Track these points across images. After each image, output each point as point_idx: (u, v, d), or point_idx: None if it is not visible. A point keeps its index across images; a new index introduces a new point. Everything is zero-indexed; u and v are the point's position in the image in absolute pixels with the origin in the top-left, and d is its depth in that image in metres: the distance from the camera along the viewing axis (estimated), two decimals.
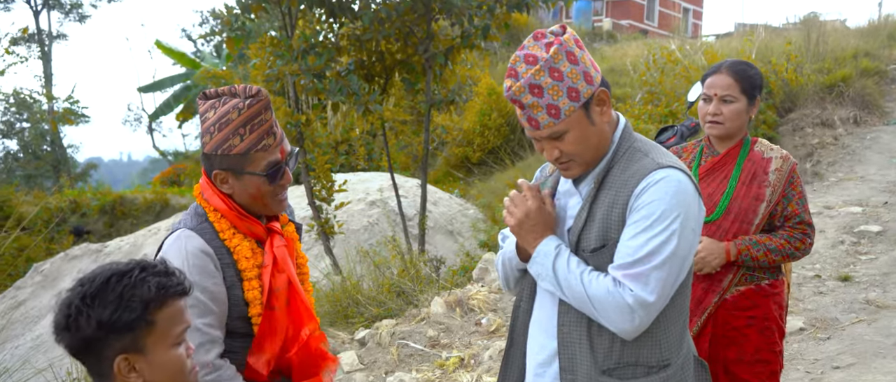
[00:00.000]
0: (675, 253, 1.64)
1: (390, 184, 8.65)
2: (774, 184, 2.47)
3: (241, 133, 1.81)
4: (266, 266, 1.89)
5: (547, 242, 1.76)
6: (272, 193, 1.88)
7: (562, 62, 1.66)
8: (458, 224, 9.83)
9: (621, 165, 1.74)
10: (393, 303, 5.74)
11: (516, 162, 11.43)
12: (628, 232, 1.67)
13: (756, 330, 2.47)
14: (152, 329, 1.43)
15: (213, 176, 1.86)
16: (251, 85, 1.84)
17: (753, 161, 2.51)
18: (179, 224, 1.90)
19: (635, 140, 1.79)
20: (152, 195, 16.54)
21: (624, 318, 1.64)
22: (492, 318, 5.11)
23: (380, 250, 7.28)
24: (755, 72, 2.55)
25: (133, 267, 1.46)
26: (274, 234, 1.94)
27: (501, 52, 16.69)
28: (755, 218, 2.46)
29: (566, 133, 1.70)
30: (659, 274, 1.63)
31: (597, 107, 1.71)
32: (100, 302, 1.40)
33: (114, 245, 10.72)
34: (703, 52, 11.03)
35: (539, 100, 1.66)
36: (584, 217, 1.75)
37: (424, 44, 7.50)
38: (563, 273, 1.72)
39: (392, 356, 4.69)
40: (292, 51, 7.20)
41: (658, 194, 1.65)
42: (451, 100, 7.94)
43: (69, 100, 26.11)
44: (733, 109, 2.49)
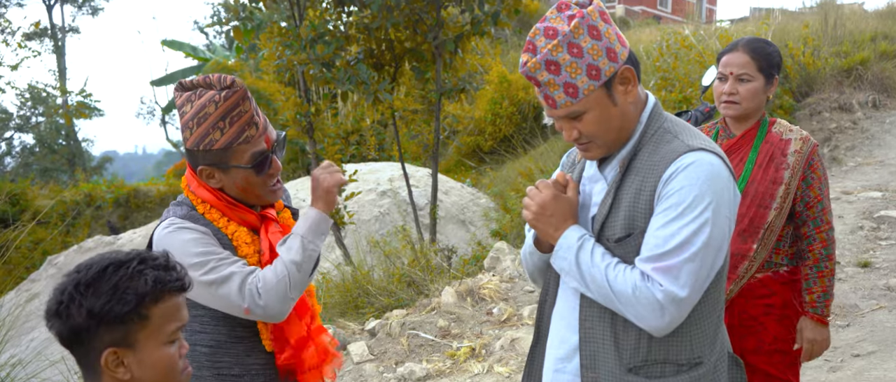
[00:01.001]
0: (708, 243, 1.51)
1: (401, 174, 8.59)
2: (794, 167, 2.36)
3: (220, 127, 1.74)
4: (263, 253, 1.83)
5: (569, 234, 1.64)
6: (262, 184, 1.82)
7: (583, 37, 1.53)
8: (469, 213, 9.76)
9: (649, 148, 1.62)
10: (403, 293, 5.69)
11: (529, 150, 11.33)
12: (657, 220, 1.55)
13: (774, 319, 2.39)
14: (145, 325, 1.38)
15: (198, 172, 1.81)
16: (226, 75, 1.78)
17: (771, 143, 2.40)
18: (167, 213, 1.84)
19: (665, 120, 1.66)
20: (166, 187, 16.62)
21: (654, 315, 1.52)
22: (503, 308, 5.04)
23: (390, 240, 7.23)
24: (773, 50, 2.44)
25: (132, 258, 1.41)
26: (269, 221, 1.88)
27: (512, 40, 16.55)
28: (773, 202, 2.35)
29: (585, 113, 1.59)
30: (691, 266, 1.51)
31: (620, 86, 1.59)
32: (93, 291, 1.35)
33: (126, 237, 10.76)
34: (718, 36, 10.85)
35: (556, 78, 1.56)
36: (609, 204, 1.63)
37: (434, 31, 7.42)
38: (587, 267, 1.60)
39: (402, 346, 4.64)
40: (300, 40, 7.14)
41: (689, 179, 1.52)
42: (462, 88, 7.85)
43: (82, 93, 26.27)
44: (750, 88, 2.39)
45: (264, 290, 1.73)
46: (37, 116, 29.13)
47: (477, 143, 12.47)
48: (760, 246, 2.36)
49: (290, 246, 1.79)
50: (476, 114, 12.57)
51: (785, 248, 2.42)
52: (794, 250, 2.44)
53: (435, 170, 7.99)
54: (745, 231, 2.37)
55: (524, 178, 9.28)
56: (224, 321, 1.82)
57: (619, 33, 1.61)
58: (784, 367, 2.43)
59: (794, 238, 2.44)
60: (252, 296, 1.72)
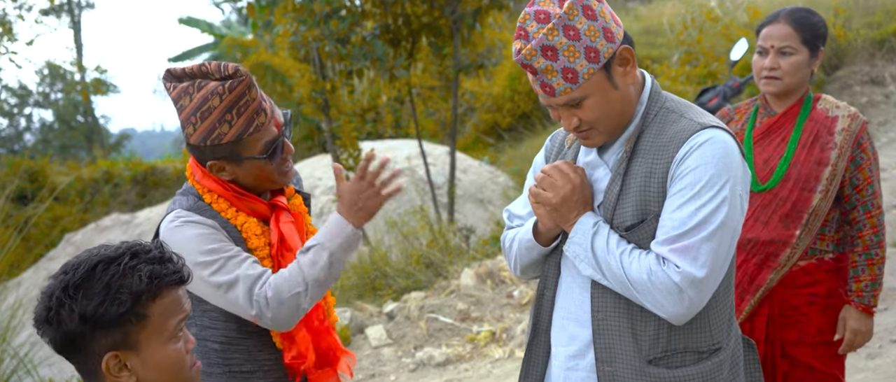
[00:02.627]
0: (726, 222, 1.47)
1: (418, 153, 8.46)
2: (841, 147, 2.18)
3: (227, 119, 1.62)
4: (273, 245, 1.72)
5: (585, 219, 1.57)
6: (276, 169, 1.72)
7: (578, 18, 1.46)
8: (488, 192, 9.62)
9: (654, 129, 1.56)
10: (422, 275, 5.58)
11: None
12: (672, 202, 1.49)
13: (818, 309, 2.24)
14: (145, 324, 1.27)
15: (207, 166, 1.69)
16: (225, 62, 1.66)
17: (816, 120, 2.23)
18: (173, 204, 1.73)
19: (666, 99, 1.60)
20: (183, 165, 16.60)
21: (672, 301, 1.46)
22: (524, 290, 4.91)
23: (407, 220, 7.11)
24: (818, 20, 2.26)
25: (123, 253, 1.28)
26: (279, 210, 1.77)
27: None
28: (818, 185, 2.18)
29: (585, 99, 1.52)
30: (709, 245, 1.46)
31: (620, 67, 1.53)
32: (84, 293, 1.24)
33: (143, 215, 10.75)
34: (745, 8, 10.53)
35: (553, 64, 1.48)
36: (617, 190, 1.56)
37: (451, 5, 7.23)
38: (602, 253, 1.53)
39: (421, 330, 4.54)
40: (315, 15, 6.99)
41: (704, 158, 1.47)
42: (480, 64, 7.68)
43: (98, 69, 26.32)
44: (793, 62, 2.21)
45: (275, 301, 1.62)
46: (55, 92, 29.27)
47: (495, 120, 12.28)
48: (804, 231, 2.21)
49: (316, 261, 1.66)
50: (494, 91, 12.36)
51: (830, 234, 2.27)
52: (840, 236, 2.28)
53: (453, 148, 7.84)
54: (787, 215, 2.21)
55: None
56: (235, 316, 1.72)
57: (612, 12, 1.55)
58: (829, 360, 2.29)
59: (840, 223, 2.28)
60: (260, 305, 1.62)
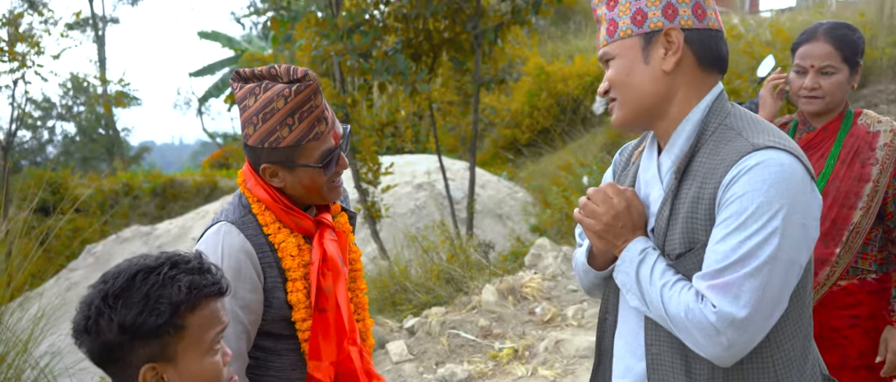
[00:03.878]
0: (776, 256, 1.28)
1: (437, 167, 8.43)
2: (883, 162, 2.12)
3: (289, 123, 1.59)
4: (313, 263, 1.69)
5: (633, 246, 1.45)
6: (328, 182, 1.69)
7: None
8: (506, 207, 9.57)
9: (709, 148, 1.40)
10: (442, 290, 5.54)
11: (568, 142, 11.07)
12: (717, 232, 1.33)
13: (861, 332, 2.17)
14: (183, 335, 1.25)
15: (260, 170, 1.66)
16: (295, 66, 1.62)
17: (856, 136, 2.17)
18: (221, 215, 1.71)
19: (728, 114, 1.42)
20: (202, 178, 16.73)
21: (711, 341, 1.30)
22: (546, 307, 4.85)
23: (427, 234, 7.08)
24: (858, 36, 2.20)
25: (162, 263, 1.28)
26: (324, 227, 1.73)
27: (549, 30, 16.25)
28: (859, 201, 2.12)
29: (614, 58, 1.45)
30: (753, 282, 1.28)
31: (661, 47, 1.40)
32: (123, 302, 1.22)
33: (163, 227, 10.81)
34: (768, 26, 10.46)
35: (608, 13, 1.45)
36: (667, 215, 1.42)
37: (473, 20, 7.23)
38: (646, 284, 1.40)
39: (442, 346, 4.49)
40: (338, 30, 7.02)
41: (753, 183, 1.29)
42: (501, 79, 7.66)
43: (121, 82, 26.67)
44: (835, 81, 2.16)
45: None
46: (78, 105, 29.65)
47: (514, 136, 12.26)
48: (844, 250, 2.13)
49: None
50: (513, 107, 12.35)
51: (873, 253, 2.19)
52: (884, 255, 2.20)
53: (472, 163, 7.81)
54: (826, 234, 2.14)
55: (564, 172, 9.05)
56: (266, 337, 1.70)
57: (704, 4, 1.42)
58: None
59: (883, 241, 2.20)
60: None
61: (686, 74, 1.42)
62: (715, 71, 1.44)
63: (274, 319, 1.68)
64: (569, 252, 5.80)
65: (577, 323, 4.60)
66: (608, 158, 8.60)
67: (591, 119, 11.22)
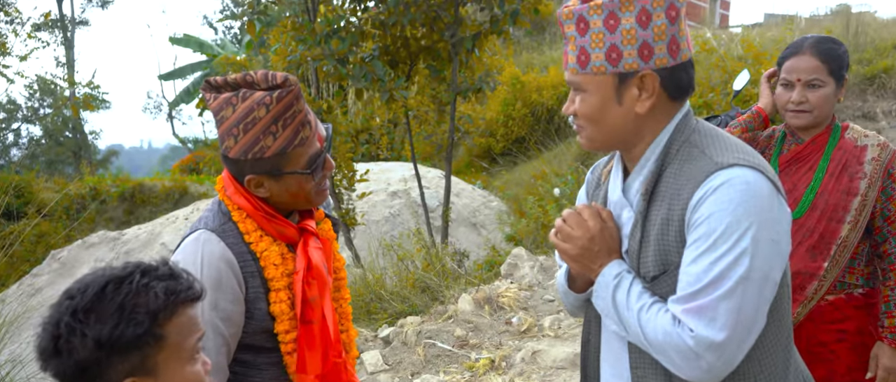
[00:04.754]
0: (748, 275, 1.27)
1: (412, 175, 8.39)
2: (871, 176, 2.12)
3: (272, 131, 1.53)
4: (297, 272, 1.62)
5: (607, 270, 1.43)
6: (315, 187, 1.63)
7: (627, 14, 1.33)
8: (481, 216, 9.56)
9: (674, 168, 1.38)
10: (417, 299, 5.49)
11: (542, 152, 11.12)
12: (688, 254, 1.32)
13: (848, 347, 2.16)
14: (162, 345, 1.19)
15: (246, 182, 1.59)
16: (272, 72, 1.57)
17: (844, 150, 2.17)
18: (199, 223, 1.64)
19: (692, 132, 1.40)
20: (171, 183, 16.45)
21: (690, 365, 1.30)
22: (523, 317, 4.83)
23: (402, 242, 7.03)
24: (843, 50, 2.19)
25: (132, 272, 1.21)
26: (308, 235, 1.67)
27: (524, 41, 16.35)
28: (847, 215, 2.11)
29: (585, 92, 1.40)
30: (729, 304, 1.27)
31: (635, 89, 1.37)
32: (97, 316, 1.15)
33: (131, 233, 10.58)
34: (740, 40, 10.63)
35: (578, 38, 1.38)
36: (639, 237, 1.41)
37: (451, 29, 7.22)
38: (623, 308, 1.39)
39: (418, 356, 4.44)
40: (315, 35, 6.96)
41: (719, 204, 1.28)
42: (478, 88, 7.66)
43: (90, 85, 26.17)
44: (821, 95, 2.15)
45: None
46: (44, 108, 29.03)
47: (488, 145, 12.27)
48: (831, 264, 2.13)
49: None
50: (487, 116, 12.37)
51: (860, 267, 2.19)
52: (871, 270, 2.20)
53: (448, 171, 7.79)
54: (814, 247, 2.13)
55: (538, 181, 9.07)
56: (247, 350, 1.64)
57: (678, 39, 1.37)
58: None
59: (870, 256, 2.20)
60: None
61: (657, 109, 1.41)
62: (684, 98, 1.42)
63: (255, 331, 1.62)
64: (545, 261, 5.80)
65: (554, 334, 4.59)
66: (582, 169, 8.64)
67: (565, 129, 11.28)
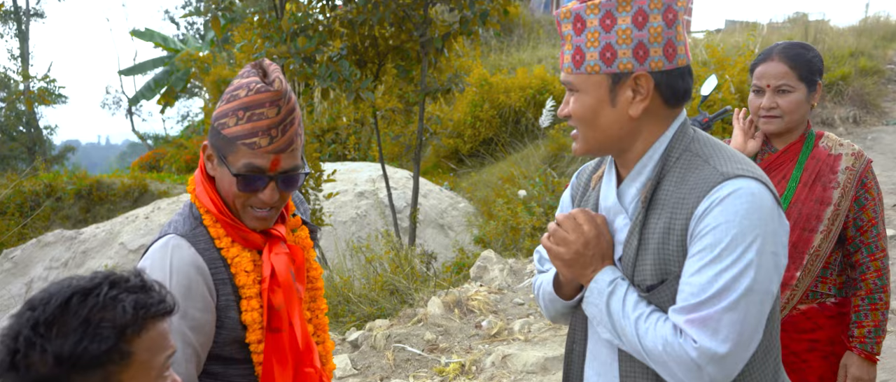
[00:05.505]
0: (753, 287, 1.27)
1: (380, 175, 8.32)
2: (844, 186, 2.13)
3: (238, 115, 1.50)
4: (264, 279, 1.56)
5: (601, 276, 1.41)
6: (243, 201, 1.55)
7: (624, 14, 1.32)
8: (449, 217, 9.52)
9: (675, 176, 1.37)
10: (386, 302, 5.43)
11: (510, 153, 11.13)
12: (691, 265, 1.31)
13: (820, 356, 2.17)
14: (129, 363, 1.12)
15: (202, 147, 1.58)
16: (281, 77, 1.50)
17: (818, 158, 2.17)
18: (169, 227, 1.57)
19: (693, 140, 1.39)
20: (131, 180, 16.03)
21: (691, 376, 1.29)
22: (493, 321, 4.81)
23: (370, 244, 6.95)
24: (813, 55, 2.20)
25: (99, 283, 1.14)
26: (274, 240, 1.61)
27: (492, 43, 16.36)
28: (820, 225, 2.12)
29: (579, 92, 1.38)
30: (732, 316, 1.27)
31: (629, 90, 1.35)
32: (58, 330, 1.08)
33: (89, 232, 10.29)
34: (704, 46, 10.79)
35: (574, 37, 1.36)
36: (635, 245, 1.39)
37: (421, 29, 7.17)
38: (618, 316, 1.37)
39: (387, 360, 4.38)
40: (282, 32, 6.84)
41: (726, 215, 1.28)
42: (448, 88, 7.62)
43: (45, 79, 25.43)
44: (792, 100, 2.15)
45: None
46: None
47: (456, 146, 12.25)
48: (804, 273, 2.14)
49: None
50: (455, 117, 12.35)
51: (832, 277, 2.20)
52: (843, 279, 2.21)
53: (417, 172, 7.73)
54: (787, 256, 2.14)
55: (507, 183, 9.07)
56: (217, 361, 1.58)
57: (675, 41, 1.34)
58: None
59: (842, 265, 2.21)
60: None
61: (652, 114, 1.39)
62: (681, 104, 1.40)
63: (226, 341, 1.56)
64: (515, 264, 5.79)
65: (524, 338, 4.57)
66: (550, 171, 8.67)
67: (533, 131, 11.31)
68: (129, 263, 9.56)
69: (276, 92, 1.48)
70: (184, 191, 14.40)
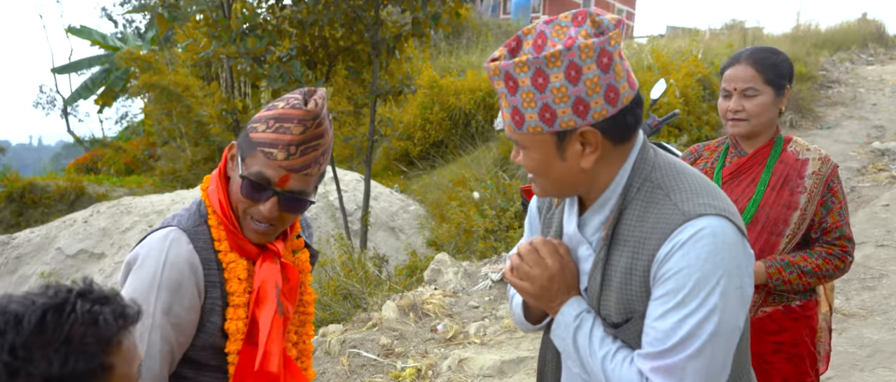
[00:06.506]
0: (718, 331, 1.24)
1: (330, 178, 8.21)
2: (811, 191, 2.16)
3: (268, 123, 1.48)
4: (254, 290, 1.52)
5: (567, 309, 1.38)
6: (245, 208, 1.51)
7: (555, 70, 1.23)
8: (400, 220, 9.47)
9: (636, 210, 1.32)
10: (339, 307, 5.36)
11: (461, 155, 11.15)
12: (655, 308, 1.28)
13: (784, 358, 2.19)
14: (111, 376, 1.08)
15: (229, 144, 1.57)
16: (319, 102, 1.48)
17: (786, 163, 2.20)
18: (172, 219, 1.54)
19: (653, 168, 1.34)
20: (67, 182, 15.44)
21: None
22: (448, 324, 4.79)
23: (321, 248, 6.85)
24: (781, 59, 2.22)
25: (68, 297, 1.08)
26: (268, 255, 1.56)
27: (441, 45, 16.39)
28: (786, 228, 2.16)
29: (524, 149, 1.34)
30: (697, 363, 1.25)
31: (578, 145, 1.29)
32: (41, 352, 1.02)
33: (23, 236, 9.85)
34: (650, 51, 11.03)
35: (509, 96, 1.28)
36: (599, 280, 1.36)
37: (372, 30, 7.11)
38: (585, 353, 1.35)
39: (342, 366, 4.31)
40: (230, 32, 6.69)
41: (688, 259, 1.24)
42: (400, 90, 7.58)
43: None
44: (758, 103, 2.17)
45: None
46: None
47: (406, 148, 12.20)
48: None
49: None
50: (405, 119, 12.30)
51: None
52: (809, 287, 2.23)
53: (368, 175, 7.66)
54: None
55: (458, 186, 9.08)
56: (189, 365, 1.52)
57: (616, 85, 1.26)
58: None
59: None
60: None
61: (606, 157, 1.32)
62: (634, 137, 1.34)
63: (203, 346, 1.51)
64: (469, 267, 5.78)
65: (480, 341, 4.57)
66: (501, 174, 8.71)
67: (483, 133, 11.36)
68: (67, 269, 9.18)
69: (307, 111, 1.45)
70: (124, 193, 13.93)
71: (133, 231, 9.24)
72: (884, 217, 6.58)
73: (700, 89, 9.40)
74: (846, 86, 12.05)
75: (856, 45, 14.85)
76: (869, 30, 15.64)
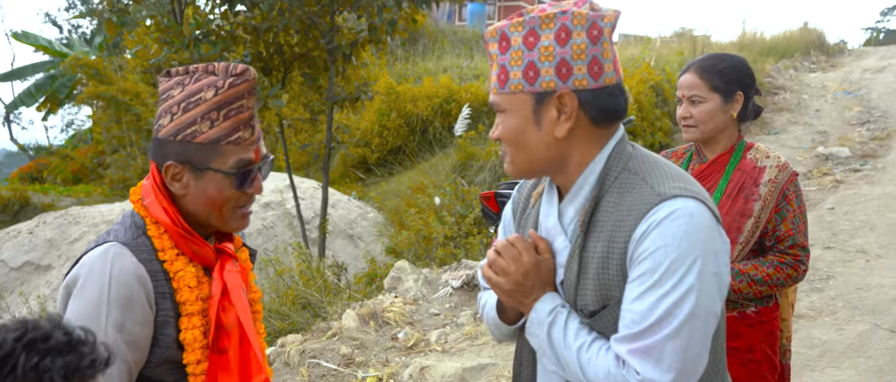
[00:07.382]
0: (695, 312, 1.24)
1: (287, 185, 8.11)
2: (765, 198, 2.18)
3: (212, 117, 1.41)
4: (212, 297, 1.47)
5: (541, 306, 1.37)
6: (235, 202, 1.48)
7: (547, 32, 1.29)
8: (358, 228, 9.41)
9: (613, 197, 1.33)
10: (298, 316, 5.28)
11: (419, 162, 11.14)
12: (631, 290, 1.27)
13: (738, 363, 2.20)
14: None
15: (164, 169, 1.45)
16: (236, 63, 1.45)
17: (744, 170, 2.22)
18: (108, 235, 1.46)
19: (630, 158, 1.36)
20: (10, 192, 14.90)
21: None
22: (409, 332, 4.77)
23: (280, 256, 6.75)
24: (727, 65, 2.23)
25: (12, 349, 0.92)
26: (226, 258, 1.52)
27: (397, 52, 16.37)
28: (739, 236, 2.18)
29: (505, 112, 1.35)
30: (675, 344, 1.24)
31: (553, 110, 1.31)
32: None
33: None
34: None
35: (500, 56, 1.34)
36: (576, 269, 1.35)
37: (327, 36, 7.05)
38: (560, 347, 1.34)
39: (302, 377, 4.25)
40: (183, 38, 6.56)
41: (664, 238, 1.24)
42: (356, 97, 7.54)
43: None
44: (704, 110, 2.21)
45: None
46: None
47: (363, 155, 12.13)
48: None
49: None
50: (362, 126, 12.24)
51: None
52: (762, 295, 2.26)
53: (325, 182, 7.59)
54: None
55: (417, 193, 9.06)
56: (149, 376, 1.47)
57: (602, 59, 1.30)
58: None
59: None
60: None
61: (581, 135, 1.34)
62: (613, 124, 1.36)
63: (158, 362, 1.44)
64: (429, 274, 5.77)
65: (441, 349, 4.55)
66: (460, 180, 8.72)
67: (441, 139, 11.37)
68: (11, 282, 8.85)
69: (253, 80, 1.44)
70: (71, 203, 13.51)
71: (81, 241, 8.97)
72: (830, 220, 6.80)
73: (653, 96, 9.58)
74: (791, 93, 12.44)
75: (799, 52, 15.37)
76: (810, 38, 16.20)
